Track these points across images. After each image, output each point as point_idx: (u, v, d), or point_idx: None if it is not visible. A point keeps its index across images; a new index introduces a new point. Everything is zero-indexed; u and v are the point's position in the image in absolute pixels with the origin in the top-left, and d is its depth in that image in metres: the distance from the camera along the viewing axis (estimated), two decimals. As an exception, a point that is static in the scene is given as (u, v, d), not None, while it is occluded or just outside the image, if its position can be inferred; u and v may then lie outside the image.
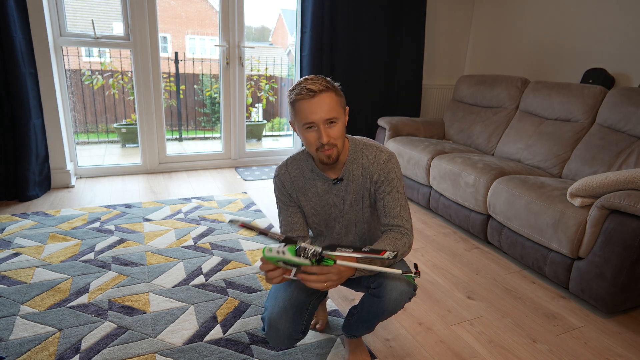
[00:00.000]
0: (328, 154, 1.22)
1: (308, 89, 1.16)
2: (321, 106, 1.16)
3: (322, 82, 1.18)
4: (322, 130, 1.18)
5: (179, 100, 5.61)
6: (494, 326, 1.71)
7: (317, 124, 1.18)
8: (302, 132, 1.22)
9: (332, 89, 1.20)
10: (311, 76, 1.21)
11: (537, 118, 2.84)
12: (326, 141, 1.18)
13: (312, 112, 1.17)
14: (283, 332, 1.25)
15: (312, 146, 1.22)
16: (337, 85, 1.25)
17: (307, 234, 1.42)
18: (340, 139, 1.22)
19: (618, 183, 1.74)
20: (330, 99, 1.18)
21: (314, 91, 1.16)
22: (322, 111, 1.16)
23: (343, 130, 1.23)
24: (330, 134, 1.19)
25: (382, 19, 3.70)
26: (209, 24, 10.48)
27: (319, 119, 1.17)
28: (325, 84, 1.18)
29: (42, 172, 2.94)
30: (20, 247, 2.14)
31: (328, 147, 1.20)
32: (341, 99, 1.23)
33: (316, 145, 1.20)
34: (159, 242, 2.28)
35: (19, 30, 2.65)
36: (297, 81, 1.21)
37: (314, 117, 1.17)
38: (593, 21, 3.13)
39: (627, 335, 1.69)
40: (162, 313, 1.67)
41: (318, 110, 1.16)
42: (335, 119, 1.19)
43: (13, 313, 1.62)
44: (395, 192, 1.30)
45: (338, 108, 1.20)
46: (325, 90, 1.17)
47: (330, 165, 1.28)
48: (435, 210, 2.85)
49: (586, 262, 1.81)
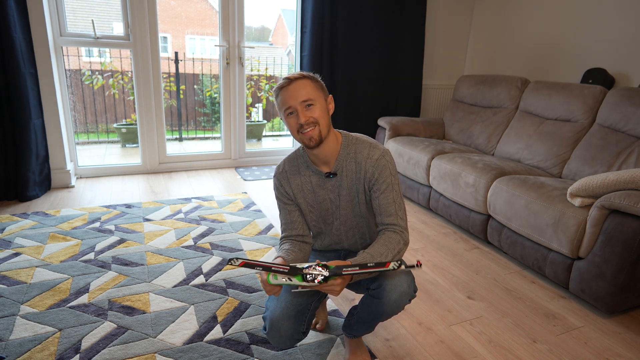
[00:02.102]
0: (309, 136, 1.25)
1: (285, 79, 1.25)
2: (297, 90, 1.23)
3: (300, 73, 1.27)
4: (299, 111, 1.23)
5: (179, 100, 5.61)
6: (494, 326, 1.71)
7: (294, 107, 1.23)
8: (285, 119, 1.28)
9: (309, 77, 1.26)
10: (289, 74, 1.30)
11: (537, 118, 2.84)
12: (304, 120, 1.23)
13: (289, 96, 1.23)
14: (285, 333, 1.25)
15: (294, 130, 1.26)
16: (319, 78, 1.31)
17: (307, 232, 1.42)
18: (321, 119, 1.25)
19: (618, 183, 1.74)
20: (306, 84, 1.24)
21: (290, 79, 1.24)
22: (298, 94, 1.22)
23: (323, 113, 1.27)
24: (307, 114, 1.24)
25: (382, 19, 3.70)
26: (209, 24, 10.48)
27: (295, 102, 1.23)
28: (302, 74, 1.26)
29: (42, 172, 2.94)
30: (21, 247, 2.14)
31: (307, 126, 1.24)
32: (319, 87, 1.28)
33: (297, 127, 1.25)
34: (159, 242, 2.28)
35: (19, 30, 2.65)
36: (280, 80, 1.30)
37: (291, 102, 1.23)
38: (593, 21, 3.14)
39: (627, 335, 1.69)
40: (162, 313, 1.67)
41: (294, 94, 1.23)
42: (312, 100, 1.24)
43: (13, 313, 1.62)
44: (390, 190, 1.30)
45: (315, 92, 1.25)
46: (301, 78, 1.24)
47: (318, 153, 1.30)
48: (435, 210, 2.85)
49: (586, 262, 1.81)
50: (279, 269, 1.06)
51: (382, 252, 1.21)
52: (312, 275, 1.06)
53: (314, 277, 1.06)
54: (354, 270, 1.06)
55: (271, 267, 1.06)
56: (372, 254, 1.20)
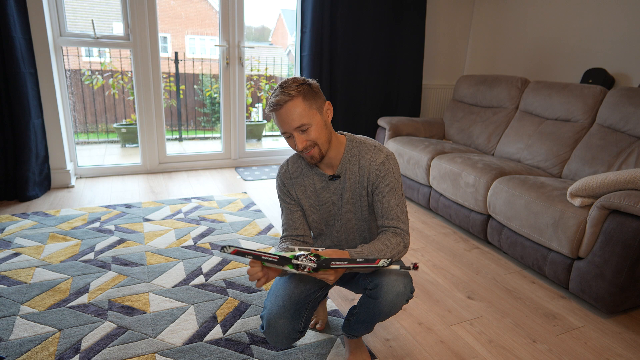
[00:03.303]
0: (310, 155, 1.26)
1: (274, 103, 1.19)
2: (289, 116, 1.18)
3: (288, 89, 1.18)
4: (295, 137, 1.21)
5: (179, 100, 5.61)
6: (494, 326, 1.71)
7: (290, 132, 1.22)
8: (285, 138, 1.27)
9: (299, 94, 1.18)
10: (283, 81, 1.22)
11: (537, 118, 2.84)
12: (301, 148, 1.22)
13: (282, 123, 1.20)
14: (281, 331, 1.25)
15: (294, 149, 1.27)
16: (312, 82, 1.24)
17: (307, 233, 1.42)
18: (319, 139, 1.24)
19: (618, 183, 1.74)
20: (296, 107, 1.18)
21: (279, 104, 1.18)
22: (291, 121, 1.19)
23: (320, 131, 1.23)
24: (303, 139, 1.22)
25: (382, 19, 3.70)
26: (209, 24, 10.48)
27: (290, 129, 1.21)
28: (289, 92, 1.17)
29: (42, 172, 2.94)
30: (20, 247, 2.14)
31: (306, 150, 1.24)
32: (312, 101, 1.21)
33: (296, 149, 1.25)
34: (159, 242, 2.28)
35: (19, 30, 2.65)
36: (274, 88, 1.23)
37: (286, 128, 1.21)
38: (593, 21, 3.13)
39: (627, 335, 1.69)
40: (162, 313, 1.67)
41: (287, 121, 1.19)
42: (306, 124, 1.20)
43: (13, 313, 1.62)
44: (393, 194, 1.30)
45: (307, 113, 1.19)
46: (290, 99, 1.17)
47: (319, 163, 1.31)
48: (435, 210, 2.85)
49: (586, 262, 1.81)
50: (269, 257, 1.10)
51: (380, 249, 1.22)
52: (302, 265, 1.10)
53: (304, 267, 1.10)
54: (342, 264, 1.08)
55: (261, 256, 1.10)
56: (371, 250, 1.21)
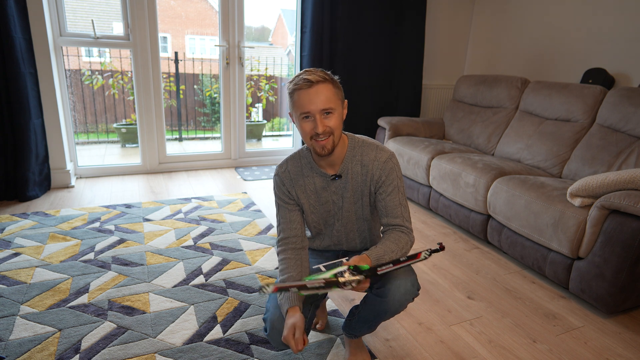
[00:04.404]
0: (322, 144, 1.23)
1: (306, 80, 1.18)
2: (318, 96, 1.18)
3: (320, 73, 1.21)
4: (317, 119, 1.19)
5: (178, 100, 5.61)
6: (494, 326, 1.71)
7: (313, 113, 1.19)
8: (299, 121, 1.23)
9: (330, 80, 1.22)
10: (311, 68, 1.23)
11: (537, 118, 2.84)
12: (321, 130, 1.19)
13: (309, 101, 1.19)
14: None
15: (308, 135, 1.23)
16: (337, 78, 1.26)
17: (304, 233, 1.41)
18: (336, 129, 1.23)
19: (618, 183, 1.74)
20: (327, 90, 1.19)
21: (312, 82, 1.18)
22: (318, 101, 1.18)
23: (339, 122, 1.24)
24: (325, 123, 1.20)
25: (382, 19, 3.70)
26: (209, 24, 10.47)
27: (315, 109, 1.19)
28: (323, 75, 1.21)
29: (42, 172, 2.94)
30: (20, 247, 2.14)
31: (323, 136, 1.21)
32: (339, 92, 1.24)
33: (311, 134, 1.22)
34: (159, 242, 2.28)
35: (19, 30, 2.64)
36: (297, 73, 1.24)
37: (311, 107, 1.19)
38: (593, 21, 3.13)
39: (627, 335, 1.69)
40: (162, 313, 1.67)
41: (315, 100, 1.18)
42: (332, 109, 1.20)
43: (13, 313, 1.62)
44: (397, 193, 1.30)
45: (335, 99, 1.21)
46: (323, 82, 1.19)
47: (325, 158, 1.29)
48: (435, 210, 2.85)
49: (586, 262, 1.81)
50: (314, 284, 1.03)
51: (393, 249, 1.22)
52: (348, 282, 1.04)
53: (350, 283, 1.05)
54: (389, 268, 1.06)
55: (306, 285, 1.02)
56: (385, 250, 1.21)
